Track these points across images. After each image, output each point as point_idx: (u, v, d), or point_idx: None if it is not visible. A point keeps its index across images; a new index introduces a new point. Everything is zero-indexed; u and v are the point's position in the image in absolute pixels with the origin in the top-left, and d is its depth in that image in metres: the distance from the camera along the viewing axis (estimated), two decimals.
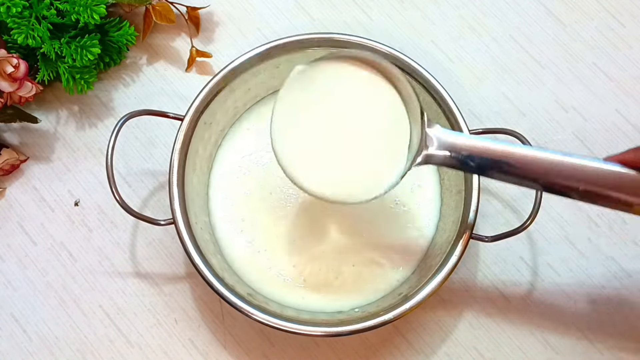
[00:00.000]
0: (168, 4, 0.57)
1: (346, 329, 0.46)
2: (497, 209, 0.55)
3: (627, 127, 0.57)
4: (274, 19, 0.61)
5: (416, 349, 0.53)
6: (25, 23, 0.52)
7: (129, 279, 0.55)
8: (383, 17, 0.60)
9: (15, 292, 0.55)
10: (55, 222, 0.56)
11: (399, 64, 0.51)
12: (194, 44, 0.59)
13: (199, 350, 0.53)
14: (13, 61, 0.51)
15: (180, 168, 0.50)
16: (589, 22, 0.60)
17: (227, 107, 0.54)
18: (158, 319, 0.54)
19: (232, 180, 0.54)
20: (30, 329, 0.54)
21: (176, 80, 0.59)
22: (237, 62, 0.52)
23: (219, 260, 0.50)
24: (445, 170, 0.53)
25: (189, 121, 0.50)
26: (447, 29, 0.60)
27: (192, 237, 0.48)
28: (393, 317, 0.46)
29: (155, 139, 0.58)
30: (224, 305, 0.53)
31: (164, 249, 0.55)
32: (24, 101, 0.55)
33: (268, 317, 0.46)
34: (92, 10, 0.52)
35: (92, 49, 0.53)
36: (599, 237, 0.55)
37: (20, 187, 0.57)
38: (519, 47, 0.59)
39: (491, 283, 0.54)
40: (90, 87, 0.56)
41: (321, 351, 0.53)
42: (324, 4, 0.61)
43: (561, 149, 0.57)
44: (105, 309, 0.54)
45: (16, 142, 0.58)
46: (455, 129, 0.50)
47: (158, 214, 0.56)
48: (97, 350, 0.53)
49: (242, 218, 0.53)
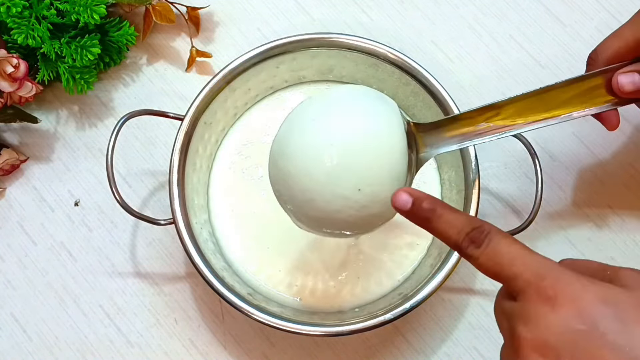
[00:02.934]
0: (168, 4, 0.57)
1: (346, 329, 0.46)
2: (497, 209, 0.55)
3: (627, 127, 0.57)
4: (274, 19, 0.61)
5: (416, 349, 0.53)
6: (25, 23, 0.52)
7: (129, 279, 0.55)
8: (383, 17, 0.60)
9: (15, 292, 0.55)
10: (55, 222, 0.56)
11: (399, 64, 0.52)
12: (194, 44, 0.59)
13: (199, 350, 0.53)
14: (13, 61, 0.51)
15: (180, 168, 0.50)
16: (589, 22, 0.60)
17: (227, 107, 0.54)
18: (158, 319, 0.54)
19: (232, 179, 0.54)
20: (30, 329, 0.54)
21: (176, 80, 0.59)
22: (237, 62, 0.52)
23: (219, 260, 0.50)
24: (445, 170, 0.53)
25: (189, 121, 0.50)
26: (447, 29, 0.60)
27: (192, 237, 0.48)
28: (393, 317, 0.46)
29: (155, 139, 0.58)
30: (224, 305, 0.53)
31: (164, 249, 0.55)
32: (24, 101, 0.55)
33: (268, 317, 0.46)
34: (92, 10, 0.52)
35: (92, 49, 0.53)
36: (599, 237, 0.55)
37: (20, 187, 0.57)
38: (519, 47, 0.59)
39: (491, 283, 0.53)
40: (90, 87, 0.56)
41: (321, 351, 0.53)
42: (324, 4, 0.61)
43: (561, 149, 0.57)
44: (105, 309, 0.54)
45: (16, 142, 0.58)
46: None
47: (158, 214, 0.56)
48: (97, 350, 0.53)
49: (242, 218, 0.53)
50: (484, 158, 0.56)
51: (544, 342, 0.29)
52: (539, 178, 0.49)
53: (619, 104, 0.43)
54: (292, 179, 0.40)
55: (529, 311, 0.30)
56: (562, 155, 0.57)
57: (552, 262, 0.31)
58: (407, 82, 0.52)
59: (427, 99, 0.51)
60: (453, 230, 0.34)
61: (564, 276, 0.30)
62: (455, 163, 0.51)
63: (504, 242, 0.32)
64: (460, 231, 0.33)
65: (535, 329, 0.29)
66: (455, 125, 0.42)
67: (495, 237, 0.32)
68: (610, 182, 0.56)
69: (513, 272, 0.31)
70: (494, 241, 0.32)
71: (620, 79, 0.41)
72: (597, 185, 0.56)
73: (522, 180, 0.56)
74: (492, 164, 0.57)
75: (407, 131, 0.40)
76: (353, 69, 0.54)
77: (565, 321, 0.29)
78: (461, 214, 0.35)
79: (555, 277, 0.30)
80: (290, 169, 0.40)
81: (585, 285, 0.30)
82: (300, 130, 0.40)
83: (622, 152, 0.57)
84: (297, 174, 0.40)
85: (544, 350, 0.29)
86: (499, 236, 0.32)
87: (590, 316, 0.28)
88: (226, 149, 0.55)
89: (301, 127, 0.40)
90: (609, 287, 0.30)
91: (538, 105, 0.41)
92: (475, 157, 0.49)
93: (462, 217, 0.34)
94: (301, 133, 0.40)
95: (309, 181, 0.39)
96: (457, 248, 0.34)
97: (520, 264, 0.31)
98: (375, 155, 0.39)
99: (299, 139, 0.40)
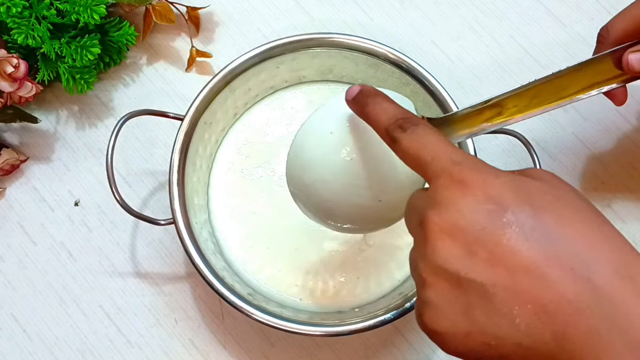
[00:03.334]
0: (168, 4, 0.57)
1: (346, 329, 0.46)
2: None
3: (627, 127, 0.57)
4: (274, 19, 0.61)
5: (416, 349, 0.53)
6: (25, 23, 0.52)
7: (129, 279, 0.55)
8: (383, 17, 0.60)
9: (15, 292, 0.55)
10: (55, 222, 0.56)
11: (399, 64, 0.52)
12: (194, 44, 0.59)
13: (199, 350, 0.53)
14: (13, 61, 0.51)
15: (180, 168, 0.50)
16: (589, 22, 0.60)
17: (227, 107, 0.54)
18: (158, 319, 0.54)
19: (232, 179, 0.54)
20: (30, 329, 0.54)
21: (176, 80, 0.59)
22: (237, 62, 0.52)
23: (219, 260, 0.50)
24: None
25: (189, 121, 0.50)
26: (447, 29, 0.60)
27: (192, 237, 0.48)
28: (393, 317, 0.46)
29: (155, 139, 0.58)
30: (224, 305, 0.53)
31: (164, 249, 0.55)
32: (24, 101, 0.55)
33: (268, 317, 0.46)
34: (92, 10, 0.52)
35: (92, 49, 0.53)
36: None
37: (20, 187, 0.57)
38: (519, 47, 0.59)
39: None
40: (90, 87, 0.56)
41: (321, 351, 0.53)
42: (324, 4, 0.61)
43: (561, 149, 0.57)
44: (105, 309, 0.54)
45: (16, 142, 0.58)
46: None
47: (158, 214, 0.56)
48: (97, 350, 0.53)
49: (242, 218, 0.53)
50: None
51: (453, 224, 0.29)
52: None
53: (628, 81, 0.43)
54: (310, 189, 0.40)
55: (440, 196, 0.30)
56: (562, 155, 0.57)
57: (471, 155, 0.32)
58: (407, 82, 0.52)
59: (427, 98, 0.51)
60: (386, 115, 0.34)
61: (478, 165, 0.31)
62: None
63: (430, 132, 0.32)
64: (391, 117, 0.34)
65: (445, 212, 0.29)
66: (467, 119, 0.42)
67: (422, 127, 0.33)
68: (610, 182, 0.56)
69: (430, 157, 0.31)
70: (420, 129, 0.33)
71: (630, 57, 0.41)
72: (598, 185, 0.56)
73: None
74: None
75: None
76: (353, 69, 0.54)
77: (474, 204, 0.29)
78: (399, 106, 0.35)
79: (470, 164, 0.30)
80: (307, 180, 0.40)
81: (497, 173, 0.30)
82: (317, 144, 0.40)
83: (622, 152, 0.57)
84: (314, 184, 0.40)
85: (453, 231, 0.29)
86: (426, 128, 0.33)
87: (499, 198, 0.29)
88: (226, 149, 0.55)
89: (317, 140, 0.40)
90: (519, 177, 0.31)
91: (550, 92, 0.42)
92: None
93: (399, 108, 0.35)
94: (318, 145, 0.40)
95: (327, 192, 0.39)
96: (385, 132, 0.34)
97: (438, 150, 0.31)
98: (393, 166, 0.38)
99: (317, 150, 0.40)
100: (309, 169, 0.40)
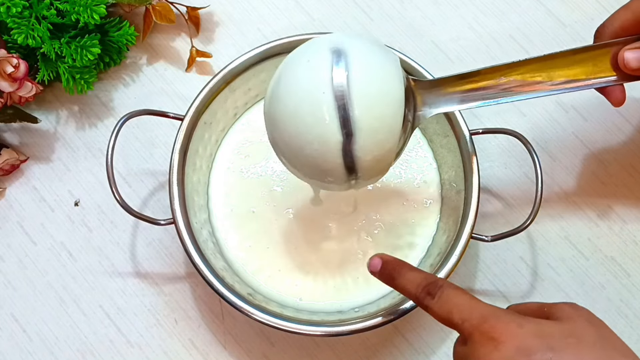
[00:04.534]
0: (168, 4, 0.57)
1: (346, 329, 0.46)
2: (497, 209, 0.55)
3: (628, 127, 0.57)
4: (274, 19, 0.61)
5: (416, 349, 0.53)
6: (25, 23, 0.52)
7: (129, 279, 0.55)
8: (383, 17, 0.60)
9: (15, 292, 0.55)
10: (55, 222, 0.56)
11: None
12: (194, 44, 0.59)
13: (199, 350, 0.53)
14: (13, 61, 0.51)
15: (180, 168, 0.50)
16: (589, 22, 0.60)
17: (228, 107, 0.54)
18: (158, 319, 0.54)
19: (232, 179, 0.54)
20: (30, 329, 0.54)
21: (176, 80, 0.59)
22: (237, 62, 0.52)
23: (219, 260, 0.50)
24: (445, 170, 0.53)
25: (189, 121, 0.50)
26: (447, 29, 0.60)
27: (192, 237, 0.48)
28: (393, 317, 0.46)
29: (155, 139, 0.58)
30: (224, 305, 0.53)
31: (164, 249, 0.55)
32: (24, 101, 0.55)
33: (268, 317, 0.46)
34: (92, 10, 0.52)
35: (92, 49, 0.53)
36: (599, 237, 0.55)
37: (20, 187, 0.57)
38: (519, 47, 0.59)
39: (491, 283, 0.54)
40: (90, 87, 0.56)
41: (321, 351, 0.53)
42: (324, 4, 0.61)
43: (561, 149, 0.57)
44: (105, 309, 0.54)
45: (16, 142, 0.58)
46: (455, 129, 0.50)
47: (158, 214, 0.56)
48: (97, 350, 0.53)
49: (242, 217, 0.53)
50: (484, 158, 0.56)
51: None
52: (539, 178, 0.49)
53: (624, 80, 0.43)
54: (281, 124, 0.39)
55: (477, 351, 0.35)
56: (562, 155, 0.57)
57: (494, 307, 0.37)
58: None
59: None
60: (412, 285, 0.40)
61: (504, 317, 0.35)
62: (456, 163, 0.51)
63: (454, 293, 0.38)
64: (418, 285, 0.39)
65: None
66: (456, 83, 0.43)
67: (447, 289, 0.38)
68: (610, 182, 0.56)
69: (461, 318, 0.36)
70: (445, 292, 0.38)
71: (626, 55, 0.42)
72: (597, 185, 0.56)
73: (522, 180, 0.56)
74: (492, 164, 0.57)
75: (405, 87, 0.40)
76: None
77: (506, 356, 0.34)
78: (420, 272, 0.40)
79: (496, 319, 0.35)
80: (278, 113, 0.39)
81: (521, 323, 0.35)
82: (294, 72, 0.39)
83: (622, 152, 0.57)
84: (287, 119, 0.39)
85: None
86: (450, 288, 0.38)
87: (527, 349, 0.34)
88: (226, 148, 0.55)
89: (294, 69, 0.39)
90: (541, 323, 0.35)
91: (542, 70, 0.43)
92: (475, 157, 0.49)
93: (421, 275, 0.40)
94: (294, 74, 0.39)
95: (297, 127, 0.38)
96: (416, 300, 0.39)
97: (466, 310, 0.36)
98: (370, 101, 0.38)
99: (293, 81, 0.39)
100: (283, 101, 0.39)
